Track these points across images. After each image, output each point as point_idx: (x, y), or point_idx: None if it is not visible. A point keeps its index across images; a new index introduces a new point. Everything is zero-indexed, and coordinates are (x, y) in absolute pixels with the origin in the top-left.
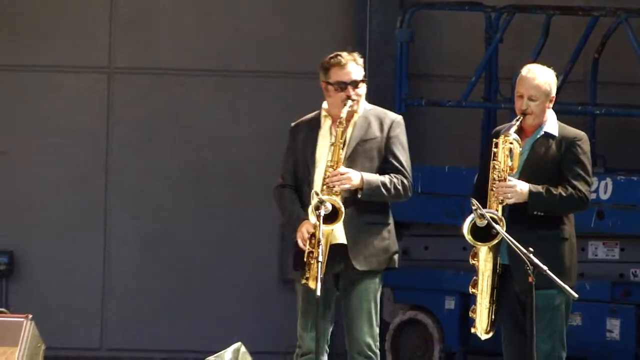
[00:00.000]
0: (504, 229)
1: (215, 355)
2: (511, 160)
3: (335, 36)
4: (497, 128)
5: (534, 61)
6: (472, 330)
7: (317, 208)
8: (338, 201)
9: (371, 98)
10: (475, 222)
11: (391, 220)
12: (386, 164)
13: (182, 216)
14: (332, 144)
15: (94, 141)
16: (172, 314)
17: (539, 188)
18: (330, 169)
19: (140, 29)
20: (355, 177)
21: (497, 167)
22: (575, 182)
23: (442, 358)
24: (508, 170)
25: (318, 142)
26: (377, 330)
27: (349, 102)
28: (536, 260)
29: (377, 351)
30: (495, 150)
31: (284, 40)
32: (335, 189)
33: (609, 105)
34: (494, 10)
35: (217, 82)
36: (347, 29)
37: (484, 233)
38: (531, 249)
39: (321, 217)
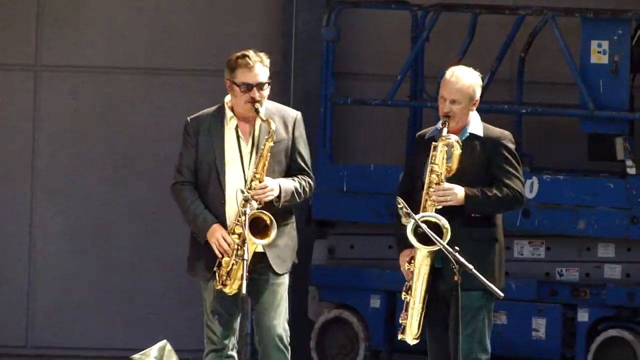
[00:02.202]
0: (447, 235)
1: (141, 352)
2: (448, 163)
3: (261, 35)
4: (421, 132)
5: (460, 60)
6: (400, 336)
7: (242, 206)
8: (270, 216)
9: (297, 96)
10: (417, 227)
11: (294, 217)
12: (292, 164)
13: (109, 213)
14: (260, 156)
15: (20, 138)
16: (98, 311)
17: (475, 191)
18: (257, 182)
19: (68, 26)
20: (276, 188)
21: (435, 170)
22: (508, 182)
23: (367, 357)
24: (446, 173)
25: (226, 142)
26: (287, 325)
27: (260, 109)
28: (462, 259)
29: (289, 345)
30: (434, 153)
31: (211, 38)
32: (260, 201)
33: (535, 104)
34: (420, 9)
35: (145, 80)
36: (274, 27)
37: (423, 236)
38: (457, 248)
39: (247, 215)
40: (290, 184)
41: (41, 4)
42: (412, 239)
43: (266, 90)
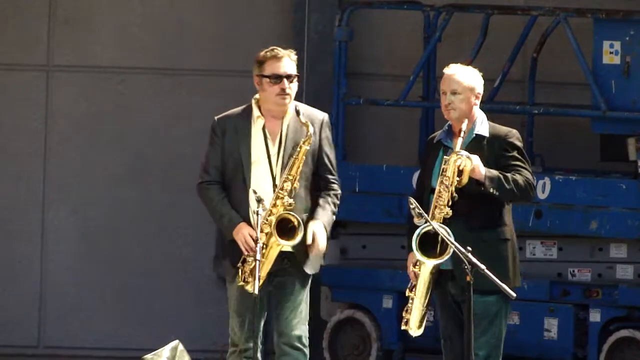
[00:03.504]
0: (452, 240)
1: (153, 353)
2: (459, 177)
3: (274, 35)
4: (432, 135)
5: (473, 60)
6: (403, 327)
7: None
8: (299, 218)
9: (310, 96)
10: (420, 238)
11: None
12: (320, 166)
13: (121, 213)
14: (295, 158)
15: (32, 138)
16: (110, 311)
17: (494, 171)
18: (289, 184)
19: (80, 26)
20: (324, 237)
21: (444, 182)
22: (521, 173)
23: (379, 357)
24: (455, 184)
25: (252, 141)
26: (307, 324)
27: (300, 109)
28: (474, 260)
29: (307, 345)
30: (445, 167)
31: (224, 39)
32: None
33: (547, 104)
34: (432, 10)
35: (157, 81)
36: (287, 28)
37: (429, 246)
38: (469, 248)
39: (259, 216)
40: (328, 217)
41: (53, 5)
42: (419, 255)
43: (295, 84)
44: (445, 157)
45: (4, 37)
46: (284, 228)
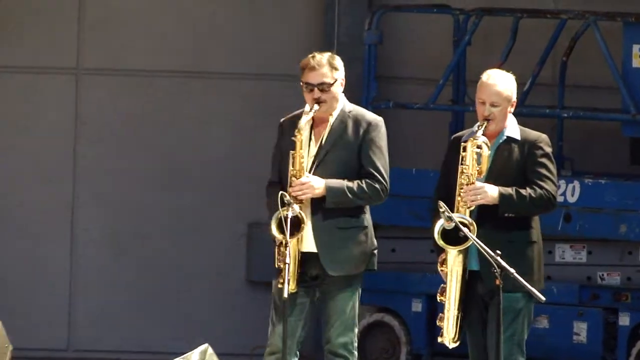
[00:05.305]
0: (474, 233)
1: (182, 356)
2: (479, 164)
3: (304, 38)
4: (457, 134)
5: (502, 64)
6: (440, 339)
7: (285, 210)
8: (302, 213)
9: None
10: (444, 227)
11: (367, 222)
12: (361, 168)
13: (150, 216)
14: (293, 154)
15: (62, 142)
16: (139, 314)
17: (509, 190)
18: (293, 179)
19: (109, 29)
20: (318, 185)
21: (465, 171)
22: (542, 183)
23: None
24: (476, 174)
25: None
26: (355, 330)
27: (310, 112)
28: (504, 263)
29: (355, 352)
30: (463, 154)
31: (254, 42)
32: (300, 198)
33: (577, 108)
34: (462, 13)
35: (187, 83)
36: (316, 31)
37: (453, 238)
38: (499, 252)
39: (288, 219)
40: (340, 183)
41: (82, 8)
42: (439, 241)
43: (331, 92)
44: (462, 144)
45: (34, 40)
46: (297, 225)
